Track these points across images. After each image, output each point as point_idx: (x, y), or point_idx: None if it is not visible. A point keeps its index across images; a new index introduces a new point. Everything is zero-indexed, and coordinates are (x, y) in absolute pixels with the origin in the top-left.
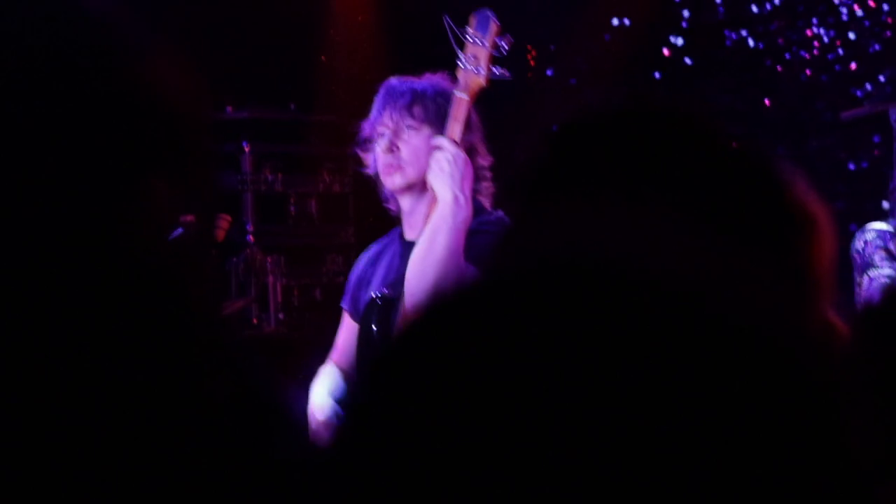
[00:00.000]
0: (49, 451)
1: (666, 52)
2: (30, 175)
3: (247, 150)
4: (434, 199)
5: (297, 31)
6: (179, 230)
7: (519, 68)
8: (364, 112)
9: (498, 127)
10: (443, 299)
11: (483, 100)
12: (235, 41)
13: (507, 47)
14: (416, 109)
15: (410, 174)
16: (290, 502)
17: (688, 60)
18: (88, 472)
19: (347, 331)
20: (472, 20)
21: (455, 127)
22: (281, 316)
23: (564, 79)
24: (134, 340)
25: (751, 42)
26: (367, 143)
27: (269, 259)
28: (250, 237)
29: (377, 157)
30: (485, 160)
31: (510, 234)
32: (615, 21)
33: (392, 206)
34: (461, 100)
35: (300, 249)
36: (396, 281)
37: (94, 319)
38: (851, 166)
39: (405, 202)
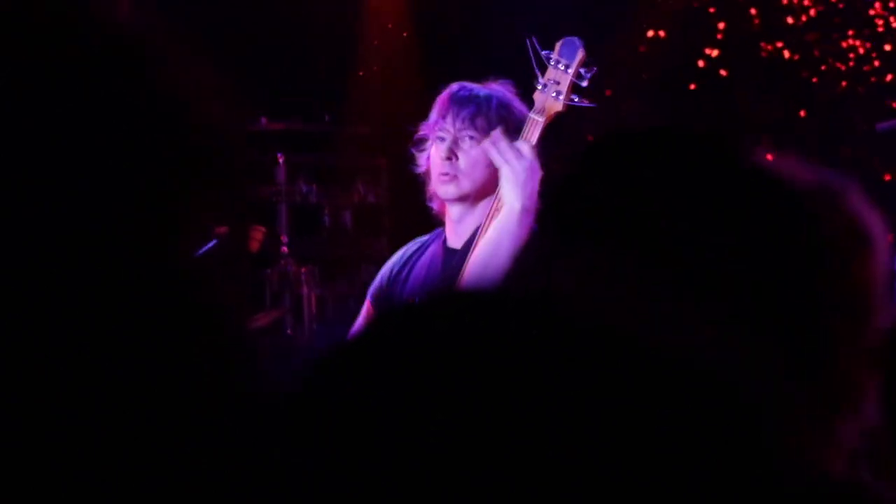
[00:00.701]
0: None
1: (701, 63)
2: (63, 185)
3: (281, 161)
4: (497, 203)
5: (333, 43)
6: (213, 242)
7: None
8: (398, 123)
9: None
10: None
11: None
12: (271, 53)
13: (590, 77)
14: (480, 121)
15: (465, 185)
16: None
17: (723, 72)
18: (107, 478)
19: (366, 321)
20: (558, 46)
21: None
22: (315, 327)
23: (600, 90)
24: (162, 352)
25: (786, 53)
26: (421, 142)
27: (303, 270)
28: (284, 248)
29: (433, 162)
30: None
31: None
32: (650, 33)
33: (434, 205)
34: (536, 122)
35: (334, 261)
36: (435, 287)
37: (122, 331)
38: (887, 177)
39: (454, 210)
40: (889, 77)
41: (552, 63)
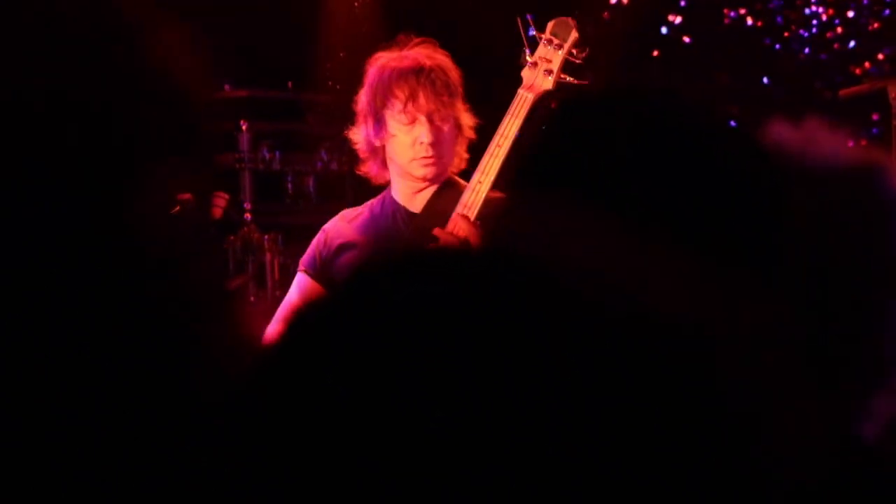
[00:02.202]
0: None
1: (664, 30)
2: (28, 156)
3: (244, 128)
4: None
5: (295, 10)
6: (176, 209)
7: (517, 46)
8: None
9: (500, 106)
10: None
11: (484, 77)
12: (233, 20)
13: (583, 57)
14: (448, 97)
15: (443, 166)
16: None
17: (686, 39)
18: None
19: (302, 292)
20: (551, 25)
21: (514, 123)
22: (278, 294)
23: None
24: (137, 319)
25: (749, 20)
26: (376, 121)
27: (266, 237)
28: (248, 215)
29: (403, 144)
30: None
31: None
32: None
33: (371, 171)
34: (525, 98)
35: (297, 228)
36: (403, 249)
37: (96, 300)
38: (850, 144)
39: (421, 185)
40: (852, 44)
41: (544, 41)
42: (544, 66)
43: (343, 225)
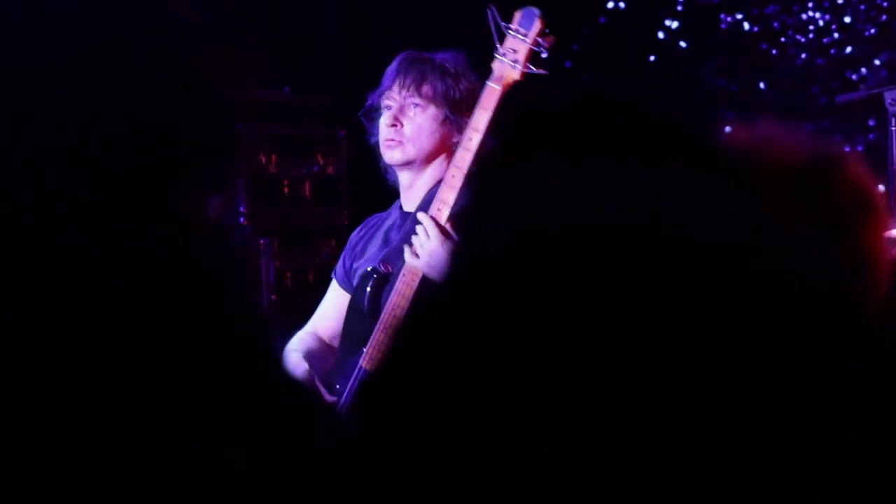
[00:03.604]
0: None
1: (661, 35)
2: (60, 162)
3: (241, 131)
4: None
5: (293, 13)
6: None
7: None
8: (358, 95)
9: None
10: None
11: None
12: (230, 23)
13: (547, 46)
14: (425, 88)
15: (410, 151)
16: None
17: (683, 44)
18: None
19: (333, 299)
20: (517, 15)
21: (483, 116)
22: (273, 298)
23: (559, 61)
24: (179, 320)
25: (746, 25)
26: (372, 111)
27: (261, 241)
28: (243, 219)
29: (380, 129)
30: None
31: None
32: (610, 4)
33: (389, 177)
34: (493, 90)
35: (293, 232)
36: (392, 254)
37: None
38: (847, 150)
39: (404, 177)
40: (849, 49)
41: (510, 32)
42: (511, 58)
43: (357, 230)
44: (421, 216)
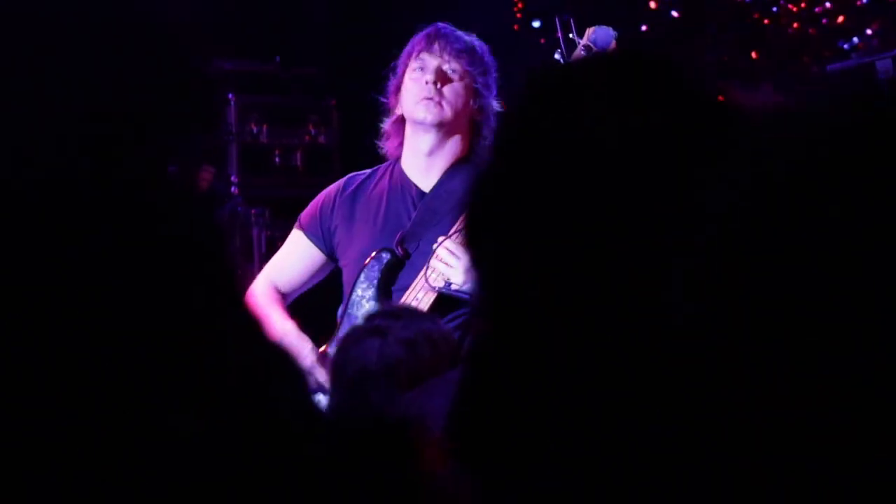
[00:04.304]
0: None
1: (653, 4)
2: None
3: (232, 101)
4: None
5: None
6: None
7: (505, 21)
8: (348, 65)
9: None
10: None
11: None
12: None
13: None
14: (465, 59)
15: (447, 112)
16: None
17: (674, 13)
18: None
19: (297, 252)
20: (590, 31)
21: None
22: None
23: (551, 32)
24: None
25: None
26: (395, 70)
27: (253, 211)
28: (235, 189)
29: (410, 88)
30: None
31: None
32: None
33: (388, 145)
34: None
35: (285, 201)
36: (409, 235)
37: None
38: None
39: (427, 140)
40: (840, 19)
41: (581, 47)
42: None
43: (345, 189)
44: (444, 248)
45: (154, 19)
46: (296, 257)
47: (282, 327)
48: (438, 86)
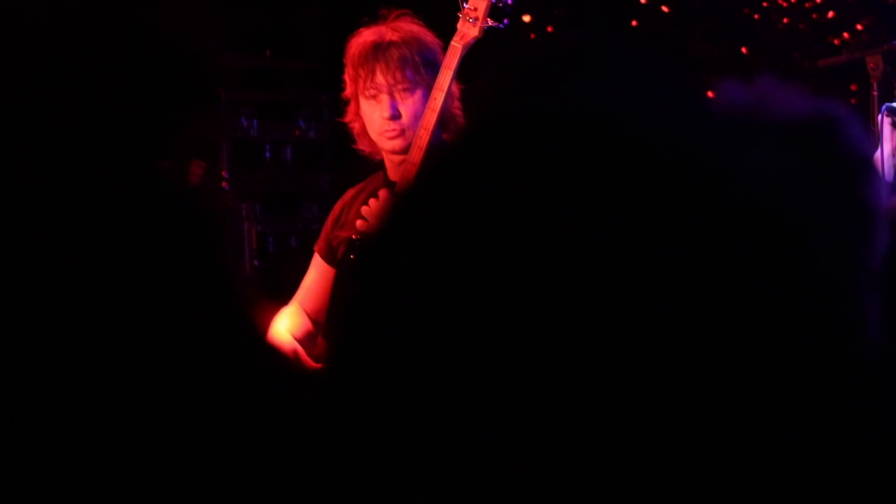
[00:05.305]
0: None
1: None
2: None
3: (222, 96)
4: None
5: None
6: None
7: (494, 17)
8: (340, 59)
9: (478, 75)
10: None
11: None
12: None
13: (509, 1)
14: (408, 71)
15: (409, 136)
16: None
17: (664, 8)
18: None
19: (317, 273)
20: None
21: (446, 75)
22: (255, 263)
23: (541, 27)
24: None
25: None
26: (349, 97)
27: (243, 206)
28: (225, 184)
29: (370, 120)
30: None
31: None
32: None
33: (364, 147)
34: (455, 48)
35: (275, 196)
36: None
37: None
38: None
39: (400, 156)
40: (830, 14)
41: None
42: (472, 15)
43: (338, 204)
44: (382, 193)
45: (143, 14)
46: (313, 279)
47: (279, 339)
48: (397, 112)
